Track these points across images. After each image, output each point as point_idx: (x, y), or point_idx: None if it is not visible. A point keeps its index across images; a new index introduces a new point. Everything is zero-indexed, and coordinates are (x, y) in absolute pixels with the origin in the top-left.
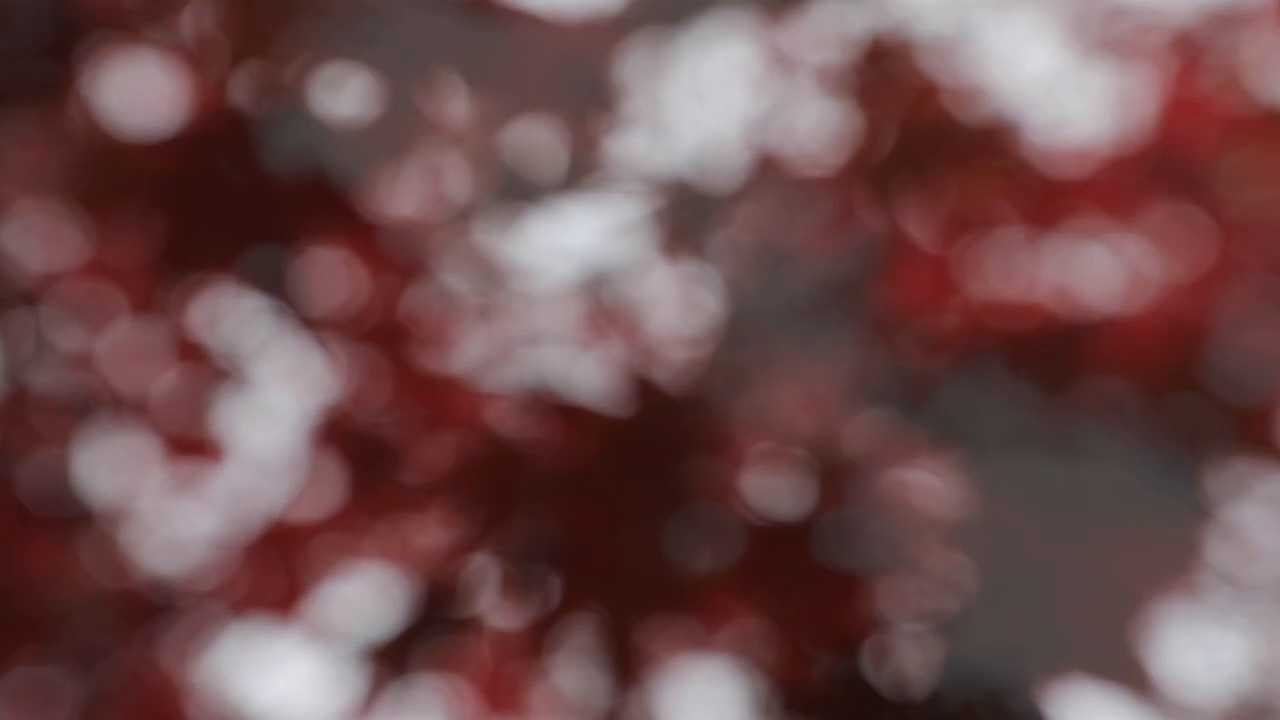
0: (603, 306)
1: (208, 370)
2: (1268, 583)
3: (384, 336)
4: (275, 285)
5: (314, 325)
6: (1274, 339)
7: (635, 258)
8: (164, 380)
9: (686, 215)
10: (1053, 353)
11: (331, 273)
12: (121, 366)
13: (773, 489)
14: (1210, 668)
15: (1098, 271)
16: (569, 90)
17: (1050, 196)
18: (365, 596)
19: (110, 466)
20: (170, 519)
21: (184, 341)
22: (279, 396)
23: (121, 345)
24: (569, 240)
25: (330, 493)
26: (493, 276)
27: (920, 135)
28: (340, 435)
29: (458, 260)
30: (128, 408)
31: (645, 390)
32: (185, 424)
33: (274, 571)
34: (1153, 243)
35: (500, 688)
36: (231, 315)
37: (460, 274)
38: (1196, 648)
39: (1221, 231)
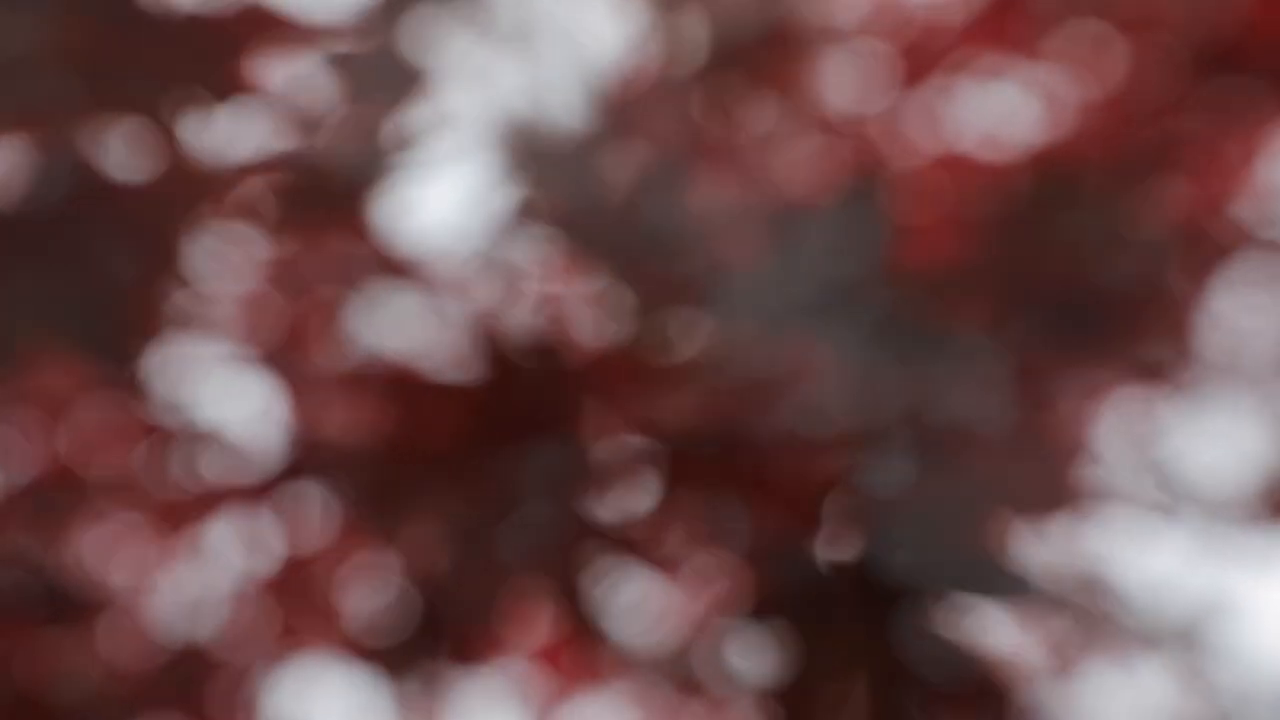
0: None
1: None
2: (1263, 365)
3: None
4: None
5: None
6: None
7: (492, 218)
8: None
9: (532, 162)
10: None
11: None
12: (91, 448)
13: (679, 411)
14: (1229, 461)
15: (1017, 109)
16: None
17: (944, 46)
18: (377, 608)
19: (105, 549)
20: (180, 586)
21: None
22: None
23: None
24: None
25: (319, 521)
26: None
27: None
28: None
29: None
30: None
31: (516, 348)
32: (167, 491)
33: (297, 608)
34: (1064, 66)
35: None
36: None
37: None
38: (1210, 444)
39: (1129, 33)
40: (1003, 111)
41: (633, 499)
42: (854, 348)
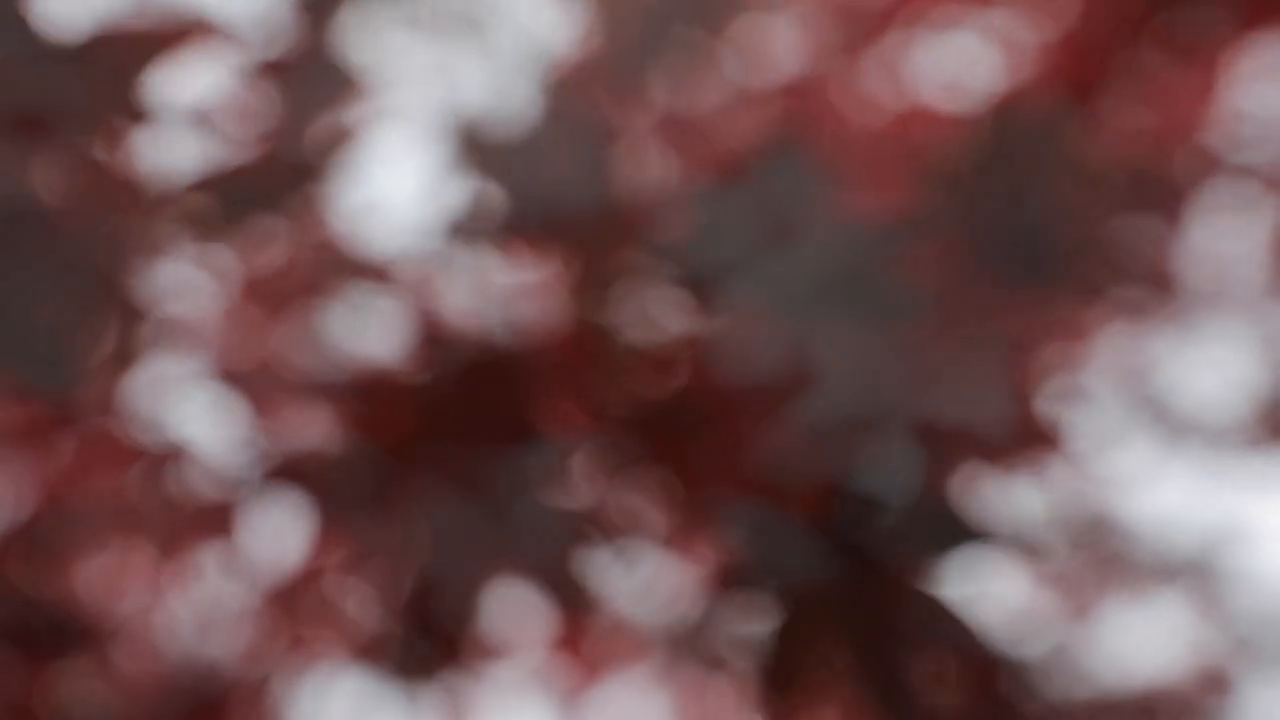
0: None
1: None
2: (1246, 290)
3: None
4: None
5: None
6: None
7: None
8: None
9: (483, 153)
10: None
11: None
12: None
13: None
14: (1224, 389)
15: (974, 57)
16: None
17: (898, 2)
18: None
19: (106, 576)
20: (185, 606)
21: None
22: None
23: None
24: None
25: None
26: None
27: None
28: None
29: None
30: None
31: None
32: (158, 513)
33: (302, 619)
34: (1018, 10)
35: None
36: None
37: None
38: (1203, 374)
39: None
40: (962, 61)
41: (609, 483)
42: (795, 301)
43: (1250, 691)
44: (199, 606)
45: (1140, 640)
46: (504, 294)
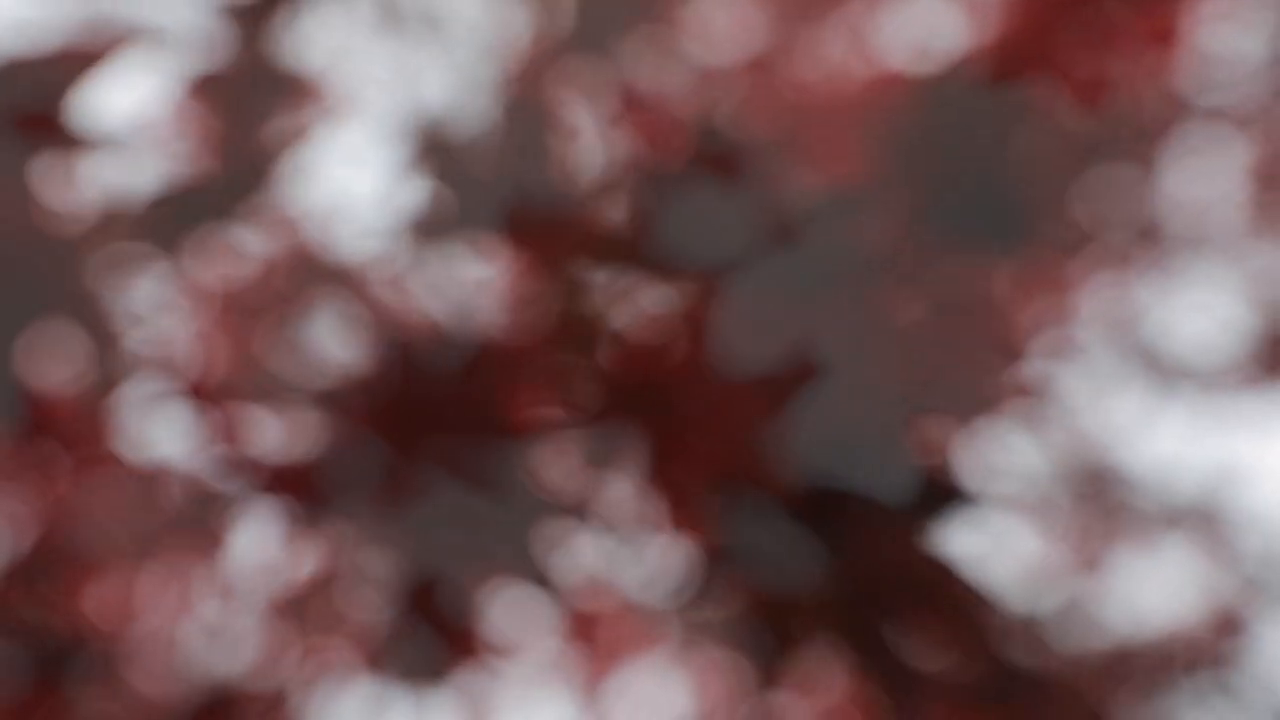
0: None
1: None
2: (1226, 230)
3: None
4: None
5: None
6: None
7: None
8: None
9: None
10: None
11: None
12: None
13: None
14: (1212, 331)
15: (936, 19)
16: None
17: None
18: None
19: (112, 600)
20: (195, 623)
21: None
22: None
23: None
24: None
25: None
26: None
27: None
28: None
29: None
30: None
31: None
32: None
33: (312, 629)
34: None
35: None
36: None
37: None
38: (1190, 317)
39: None
40: (923, 24)
41: (593, 472)
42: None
43: (1262, 631)
44: (208, 623)
45: (1151, 588)
46: (472, 290)
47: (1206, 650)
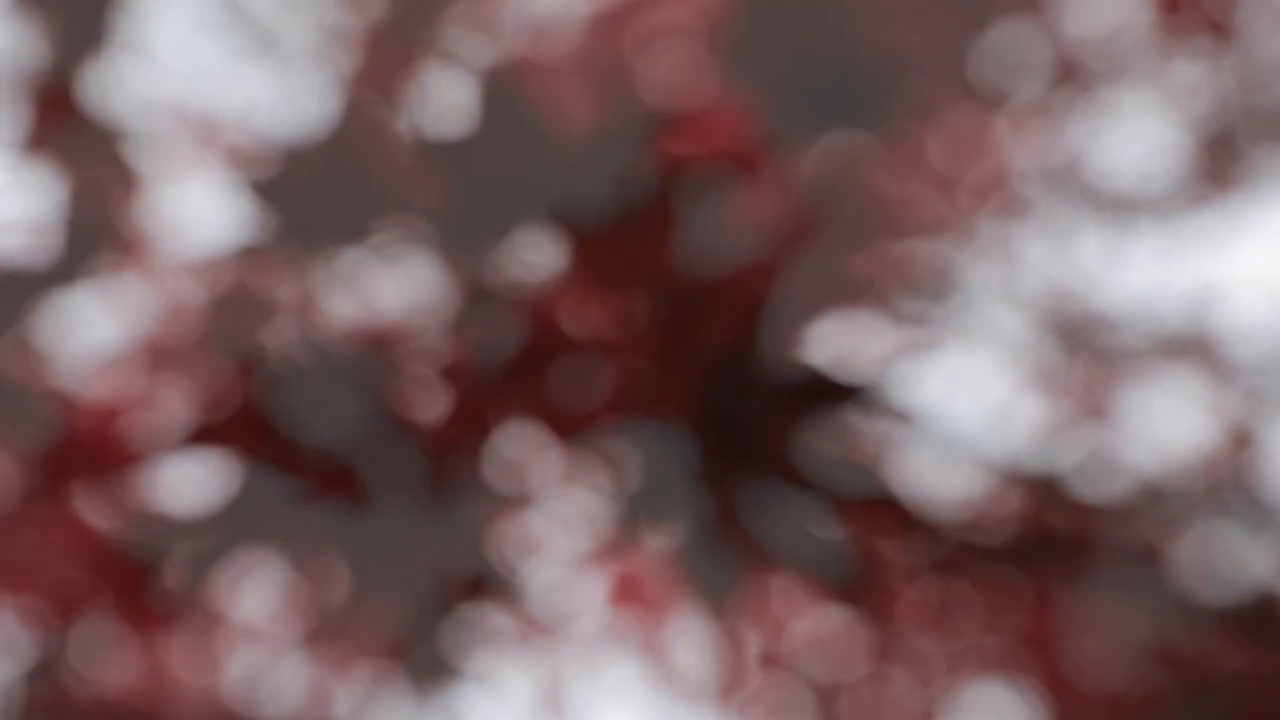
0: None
1: None
2: (1134, 58)
3: None
4: None
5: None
6: None
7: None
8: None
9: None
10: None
11: None
12: None
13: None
14: (1146, 156)
15: None
16: None
17: None
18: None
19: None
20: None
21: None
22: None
23: None
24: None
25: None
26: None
27: None
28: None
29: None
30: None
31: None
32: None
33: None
34: None
35: None
36: None
37: None
38: (1124, 147)
39: None
40: None
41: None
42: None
43: (1272, 437)
44: (247, 669)
45: (1161, 421)
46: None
47: (1228, 469)
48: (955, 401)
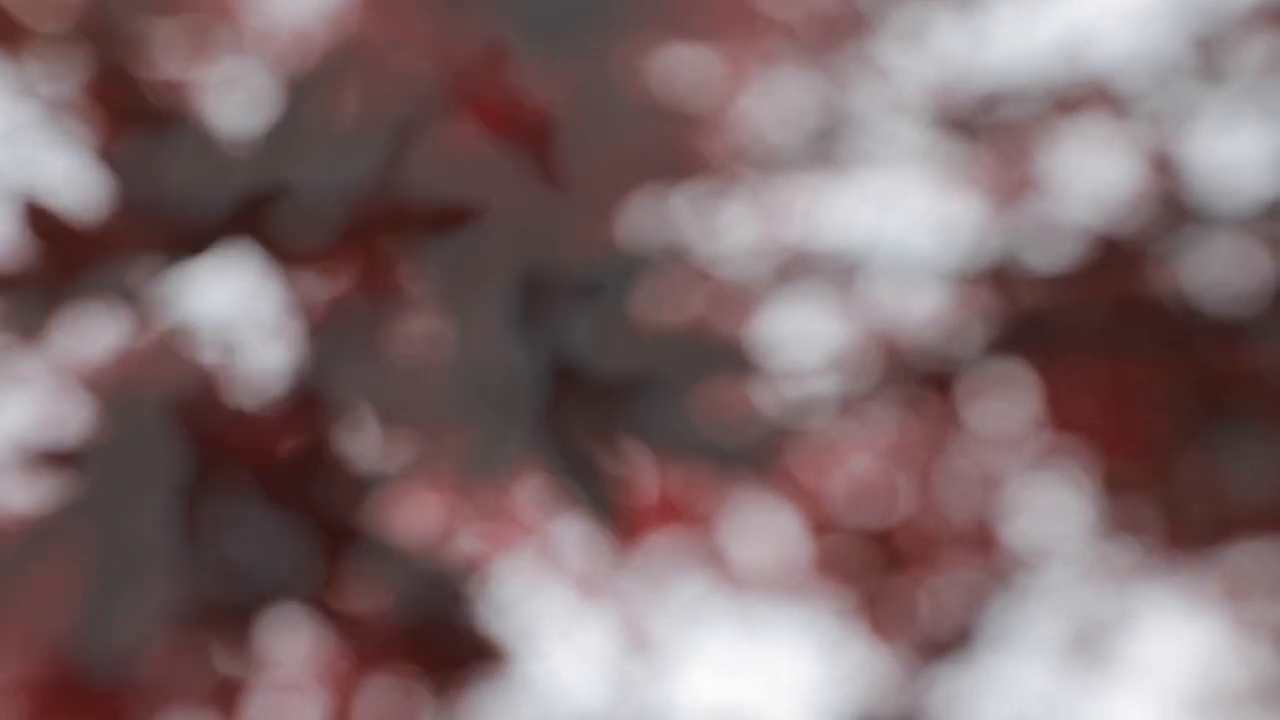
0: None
1: None
2: None
3: None
4: None
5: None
6: None
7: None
8: None
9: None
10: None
11: None
12: None
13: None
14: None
15: None
16: None
17: None
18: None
19: None
20: None
21: None
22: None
23: None
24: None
25: None
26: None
27: None
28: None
29: None
30: None
31: None
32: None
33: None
34: None
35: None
36: None
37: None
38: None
39: None
40: None
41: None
42: None
43: (1189, 150)
44: None
45: (1088, 173)
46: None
47: (1159, 194)
48: (886, 226)
